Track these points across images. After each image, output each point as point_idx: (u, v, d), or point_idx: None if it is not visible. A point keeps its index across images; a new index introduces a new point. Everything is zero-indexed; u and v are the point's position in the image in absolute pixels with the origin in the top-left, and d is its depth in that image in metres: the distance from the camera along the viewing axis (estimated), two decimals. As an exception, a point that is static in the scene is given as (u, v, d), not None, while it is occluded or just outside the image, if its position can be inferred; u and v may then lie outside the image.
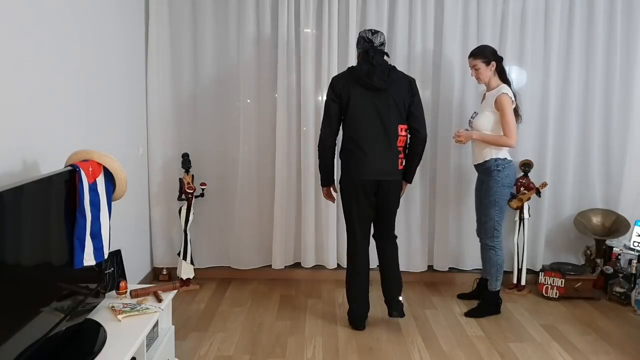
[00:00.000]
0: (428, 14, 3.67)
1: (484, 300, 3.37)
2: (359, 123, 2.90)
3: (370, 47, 2.93)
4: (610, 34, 3.70)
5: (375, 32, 2.97)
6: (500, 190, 3.20)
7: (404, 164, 3.02)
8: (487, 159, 3.21)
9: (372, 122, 2.89)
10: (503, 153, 3.21)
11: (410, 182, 3.15)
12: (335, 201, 3.32)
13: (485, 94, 3.31)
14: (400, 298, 3.11)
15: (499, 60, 3.23)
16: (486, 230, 3.28)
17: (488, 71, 3.20)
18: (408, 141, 3.01)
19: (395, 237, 3.16)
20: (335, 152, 3.06)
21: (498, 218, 3.24)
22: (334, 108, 2.93)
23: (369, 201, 2.99)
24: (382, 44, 2.97)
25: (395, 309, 3.08)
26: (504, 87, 3.17)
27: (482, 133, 3.20)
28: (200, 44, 3.70)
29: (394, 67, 2.97)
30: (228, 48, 3.73)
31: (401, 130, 2.94)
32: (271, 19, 3.68)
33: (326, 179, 3.09)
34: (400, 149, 2.96)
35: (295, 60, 3.71)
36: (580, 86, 3.76)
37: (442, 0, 3.66)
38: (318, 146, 3.00)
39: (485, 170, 3.24)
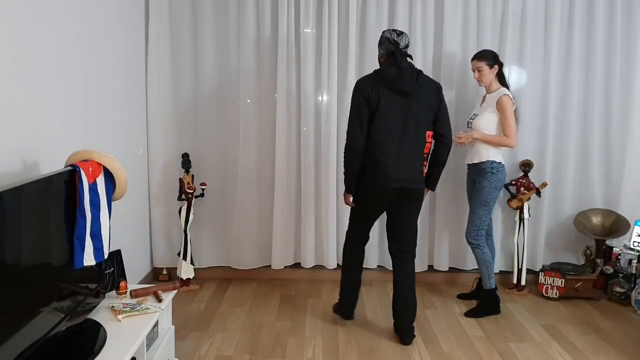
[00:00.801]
0: (428, 14, 3.67)
1: (482, 300, 3.38)
2: (386, 128, 2.76)
3: (397, 50, 2.82)
4: (610, 34, 3.70)
5: (400, 34, 2.85)
6: (492, 192, 3.25)
7: (426, 170, 2.94)
8: (483, 160, 3.25)
9: (400, 127, 2.76)
10: (499, 156, 3.26)
11: (434, 190, 3.07)
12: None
13: (485, 96, 3.35)
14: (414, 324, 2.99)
15: (501, 65, 3.30)
16: (470, 228, 3.32)
17: (491, 74, 3.26)
18: (432, 147, 2.93)
19: (414, 256, 2.96)
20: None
21: (485, 218, 3.29)
22: (364, 112, 2.77)
23: (382, 207, 2.93)
24: (407, 46, 2.86)
25: (408, 337, 2.92)
26: (505, 89, 3.24)
27: (483, 133, 3.24)
28: (200, 44, 3.70)
29: (421, 70, 2.85)
30: (228, 48, 3.73)
31: (428, 137, 2.84)
32: (271, 19, 3.68)
33: (353, 186, 2.91)
34: (426, 155, 2.88)
35: (295, 60, 3.71)
36: (580, 86, 3.76)
37: (442, 0, 3.66)
38: (347, 152, 2.82)
39: (480, 170, 3.27)
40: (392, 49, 2.83)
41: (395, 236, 2.95)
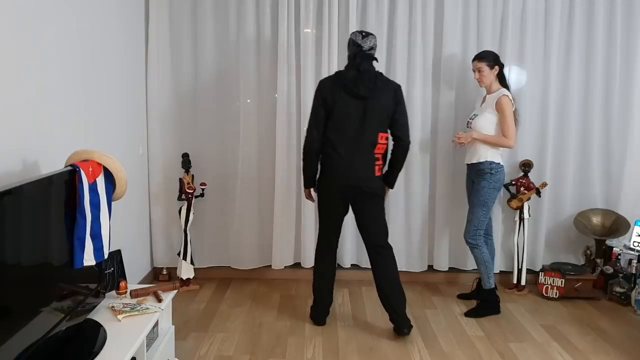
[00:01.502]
0: (428, 14, 3.67)
1: (481, 300, 3.38)
2: (340, 129, 2.89)
3: (359, 52, 2.87)
4: (610, 34, 3.70)
5: (365, 36, 2.88)
6: (491, 192, 3.26)
7: (383, 171, 2.99)
8: (482, 161, 3.26)
9: (353, 128, 2.88)
10: (498, 157, 3.27)
11: (392, 188, 3.10)
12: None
13: (485, 96, 3.36)
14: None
15: (502, 66, 3.31)
16: (469, 228, 3.32)
17: (491, 75, 3.27)
18: (390, 149, 3.00)
19: (390, 247, 3.02)
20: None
21: (483, 218, 3.29)
22: (321, 112, 2.91)
23: (344, 205, 3.02)
24: (372, 48, 2.89)
25: (405, 326, 2.97)
26: (505, 90, 3.25)
27: (482, 133, 3.24)
28: (200, 44, 3.70)
29: (381, 73, 2.93)
30: (228, 48, 3.73)
31: (381, 139, 2.92)
32: (271, 20, 3.68)
33: (310, 181, 3.06)
34: (379, 156, 2.93)
35: (295, 60, 3.71)
36: (580, 86, 3.76)
37: (442, 0, 3.66)
38: (304, 149, 2.97)
39: (479, 171, 3.27)
40: (355, 51, 2.88)
41: (365, 234, 3.03)
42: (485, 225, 3.34)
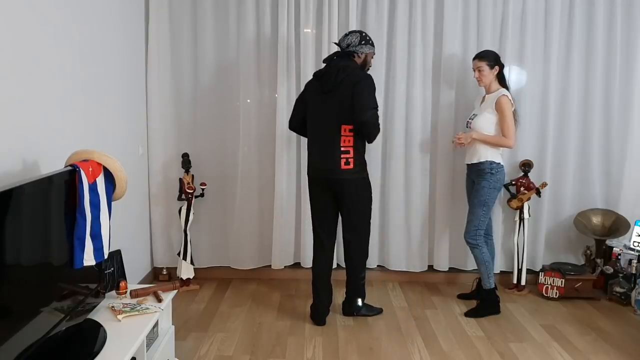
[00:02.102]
0: (428, 14, 3.67)
1: (482, 300, 3.38)
2: (310, 124, 3.08)
3: (337, 51, 3.08)
4: (610, 34, 3.70)
5: (347, 34, 3.08)
6: (491, 192, 3.26)
7: (353, 162, 2.97)
8: (482, 160, 3.26)
9: (319, 122, 3.03)
10: (498, 157, 3.27)
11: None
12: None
13: (484, 96, 3.37)
14: (359, 302, 3.23)
15: (502, 66, 3.31)
16: (469, 228, 3.32)
17: (491, 75, 3.28)
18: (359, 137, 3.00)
19: (354, 230, 3.09)
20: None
21: (484, 218, 3.30)
22: (299, 106, 3.16)
23: (326, 201, 3.09)
24: (349, 45, 3.03)
25: (345, 310, 3.26)
26: (504, 90, 3.25)
27: (482, 133, 3.25)
28: (200, 44, 3.70)
29: (348, 66, 2.95)
30: (228, 48, 3.73)
31: (344, 130, 2.95)
32: (271, 19, 3.68)
33: None
34: (346, 148, 2.96)
35: (295, 60, 3.71)
36: (580, 86, 3.76)
37: (442, 0, 3.66)
38: None
39: (479, 171, 3.28)
40: (336, 50, 3.13)
41: (343, 224, 3.15)
42: (485, 225, 3.34)
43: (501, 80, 3.32)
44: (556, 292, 3.62)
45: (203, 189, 3.72)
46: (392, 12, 3.70)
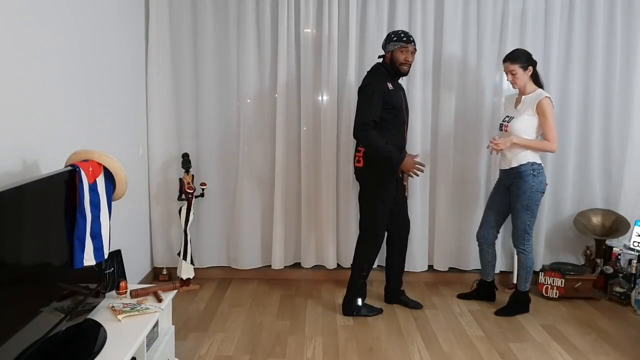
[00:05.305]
0: (428, 14, 3.67)
1: (514, 299, 3.36)
2: None
3: None
4: (610, 34, 3.70)
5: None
6: (534, 195, 3.15)
7: (363, 161, 3.14)
8: (523, 163, 3.13)
9: None
10: (537, 158, 3.17)
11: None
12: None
13: (520, 97, 3.22)
14: (359, 302, 3.28)
15: (535, 64, 3.18)
16: (517, 234, 3.25)
17: (525, 76, 3.14)
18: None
19: (360, 229, 3.32)
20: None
21: (530, 222, 3.22)
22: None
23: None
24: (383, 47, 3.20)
25: (345, 309, 3.32)
26: (544, 92, 3.13)
27: (522, 138, 3.11)
28: (200, 44, 3.70)
29: (368, 71, 3.19)
30: (228, 48, 3.73)
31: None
32: (271, 19, 3.68)
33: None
34: (361, 148, 3.16)
35: (295, 60, 3.71)
36: (580, 86, 3.76)
37: (442, 0, 3.66)
38: None
39: (520, 174, 3.14)
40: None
41: None
42: (532, 228, 3.25)
43: (536, 78, 3.18)
44: (556, 292, 3.62)
45: (203, 189, 3.72)
46: (392, 12, 3.70)
